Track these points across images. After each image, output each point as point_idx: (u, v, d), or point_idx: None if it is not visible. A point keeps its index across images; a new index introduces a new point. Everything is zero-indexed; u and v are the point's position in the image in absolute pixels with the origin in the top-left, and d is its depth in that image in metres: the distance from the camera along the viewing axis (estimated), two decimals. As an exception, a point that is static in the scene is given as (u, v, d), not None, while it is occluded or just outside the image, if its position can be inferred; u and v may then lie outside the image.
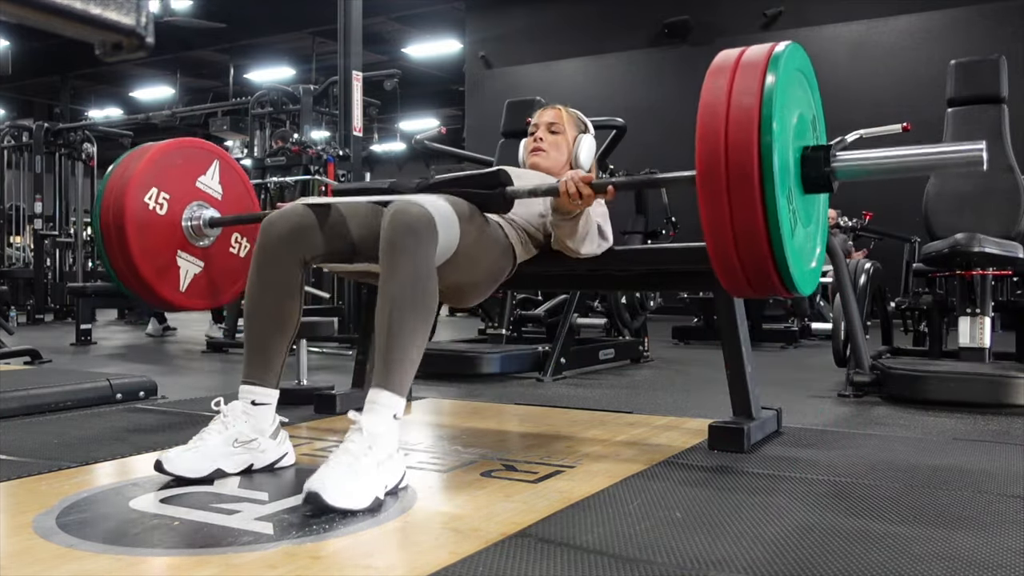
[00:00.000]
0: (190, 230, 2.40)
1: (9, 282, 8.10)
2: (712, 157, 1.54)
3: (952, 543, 1.31)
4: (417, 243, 1.62)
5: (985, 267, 3.13)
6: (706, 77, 1.63)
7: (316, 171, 5.73)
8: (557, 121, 2.32)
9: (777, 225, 1.52)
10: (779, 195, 1.52)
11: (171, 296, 2.36)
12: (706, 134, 1.56)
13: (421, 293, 1.61)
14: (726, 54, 1.66)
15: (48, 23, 0.56)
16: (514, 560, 1.22)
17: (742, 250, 1.57)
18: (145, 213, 2.31)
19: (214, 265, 2.46)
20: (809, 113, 1.77)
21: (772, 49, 1.62)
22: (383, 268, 1.63)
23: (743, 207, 1.52)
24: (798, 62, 1.69)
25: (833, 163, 1.68)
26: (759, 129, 1.51)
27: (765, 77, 1.56)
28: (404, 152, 18.55)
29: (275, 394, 1.81)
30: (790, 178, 1.61)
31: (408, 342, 1.60)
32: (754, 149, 1.51)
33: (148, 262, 2.31)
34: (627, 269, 2.37)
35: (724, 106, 1.56)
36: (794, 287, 1.63)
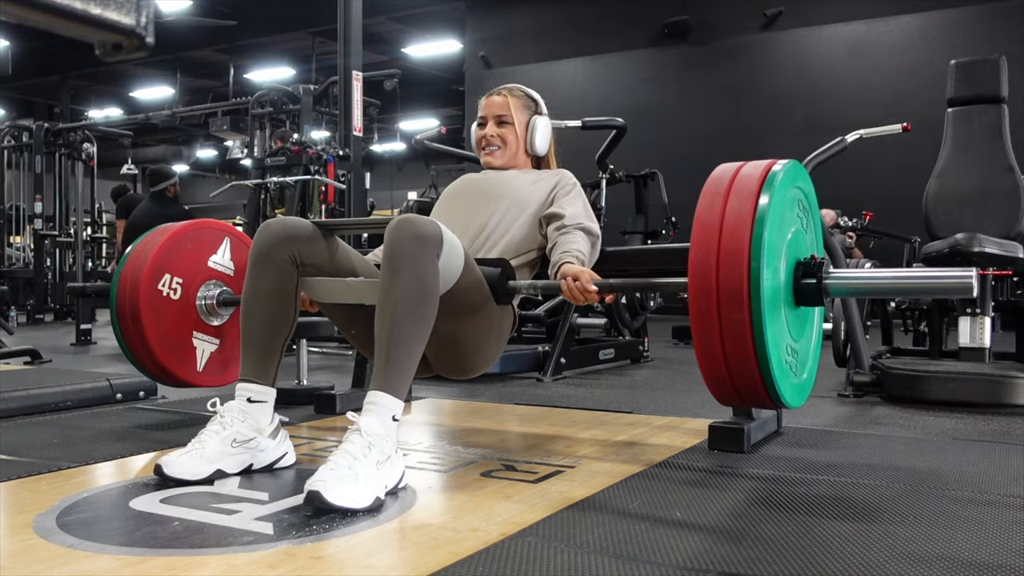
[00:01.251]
0: (204, 309, 2.41)
1: (9, 282, 8.10)
2: (704, 276, 1.58)
3: (952, 543, 1.31)
4: (421, 248, 1.61)
5: (985, 267, 3.13)
6: (701, 195, 1.67)
7: (316, 171, 5.73)
8: (504, 112, 2.17)
9: (765, 347, 1.56)
10: (767, 315, 1.55)
11: (189, 377, 2.38)
12: (699, 252, 1.60)
13: (422, 295, 1.61)
14: (723, 170, 1.70)
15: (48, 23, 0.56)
16: (514, 560, 1.22)
17: (732, 369, 1.61)
18: (159, 300, 2.33)
19: (228, 343, 2.46)
20: (807, 233, 1.82)
21: (768, 168, 1.65)
22: (384, 269, 1.62)
23: (732, 328, 1.57)
24: (795, 179, 1.73)
25: (825, 280, 1.72)
26: (750, 252, 1.55)
27: (759, 198, 1.60)
28: (404, 152, 18.55)
29: (272, 392, 1.80)
30: (780, 296, 1.65)
31: (408, 345, 1.60)
32: (744, 268, 1.55)
33: (165, 347, 2.32)
34: (627, 269, 2.37)
35: (717, 224, 1.60)
36: (782, 403, 1.68)
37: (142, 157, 18.72)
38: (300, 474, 1.74)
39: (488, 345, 1.94)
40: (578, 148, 5.47)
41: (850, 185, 7.44)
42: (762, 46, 9.34)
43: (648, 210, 5.45)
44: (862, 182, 7.81)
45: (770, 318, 1.57)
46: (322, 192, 5.81)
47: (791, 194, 1.71)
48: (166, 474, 1.63)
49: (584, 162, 5.06)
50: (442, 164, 15.63)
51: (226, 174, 18.28)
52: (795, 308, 1.73)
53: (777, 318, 1.62)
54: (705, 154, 8.97)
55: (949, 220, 3.41)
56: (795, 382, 1.75)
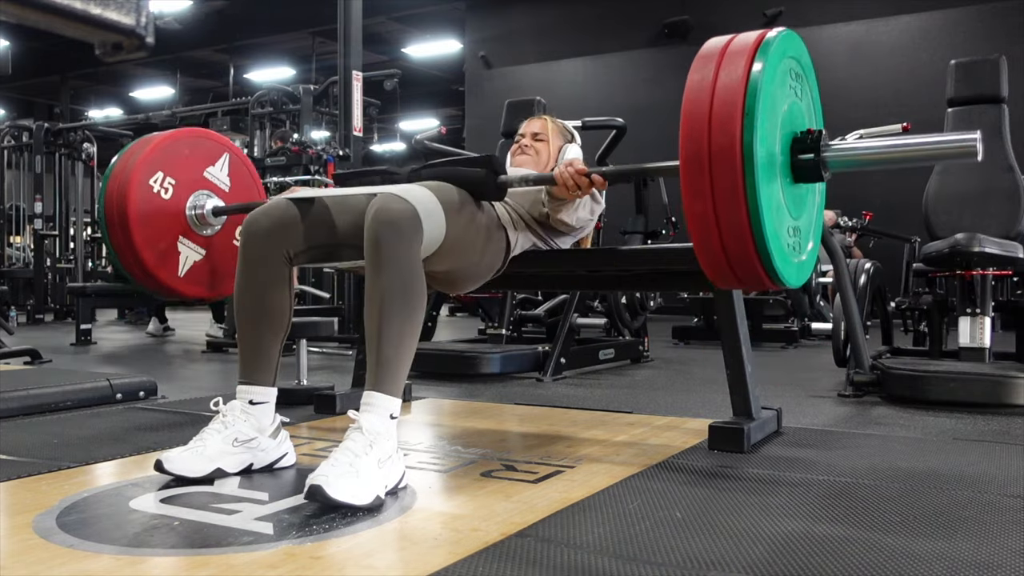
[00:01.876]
0: (194, 218, 2.40)
1: (9, 282, 8.10)
2: (696, 144, 1.53)
3: (952, 543, 1.31)
4: (400, 239, 1.60)
5: (985, 267, 3.13)
6: (693, 63, 1.61)
7: (316, 171, 5.73)
8: (542, 131, 2.33)
9: (759, 216, 1.50)
10: (761, 185, 1.50)
11: (168, 280, 2.34)
12: (690, 120, 1.54)
13: (408, 291, 1.61)
14: (715, 41, 1.64)
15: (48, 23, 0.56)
16: (514, 560, 1.22)
17: (726, 240, 1.55)
18: (149, 195, 2.32)
19: (216, 254, 2.45)
20: (803, 102, 1.75)
21: (762, 36, 1.60)
22: (368, 266, 1.62)
23: (725, 196, 1.51)
24: (791, 50, 1.67)
25: (824, 152, 1.66)
26: (743, 116, 1.50)
27: (752, 64, 1.54)
28: (404, 152, 18.55)
29: (273, 392, 1.81)
30: (776, 167, 1.59)
31: (398, 342, 1.60)
32: (737, 137, 1.49)
33: (149, 244, 2.30)
34: (627, 269, 2.37)
35: (708, 93, 1.54)
36: (779, 279, 1.62)
37: (142, 157, 18.68)
38: (300, 474, 1.74)
39: (484, 266, 1.96)
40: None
41: (850, 185, 7.44)
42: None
43: (648, 210, 5.44)
44: (862, 182, 7.81)
45: (765, 188, 1.51)
46: (322, 192, 5.81)
47: (786, 64, 1.65)
48: (166, 470, 1.63)
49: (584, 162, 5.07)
50: (442, 164, 15.58)
51: (226, 174, 18.24)
52: (793, 185, 1.67)
53: (772, 188, 1.57)
54: (705, 154, 9.01)
55: (949, 220, 3.41)
56: (793, 260, 1.69)
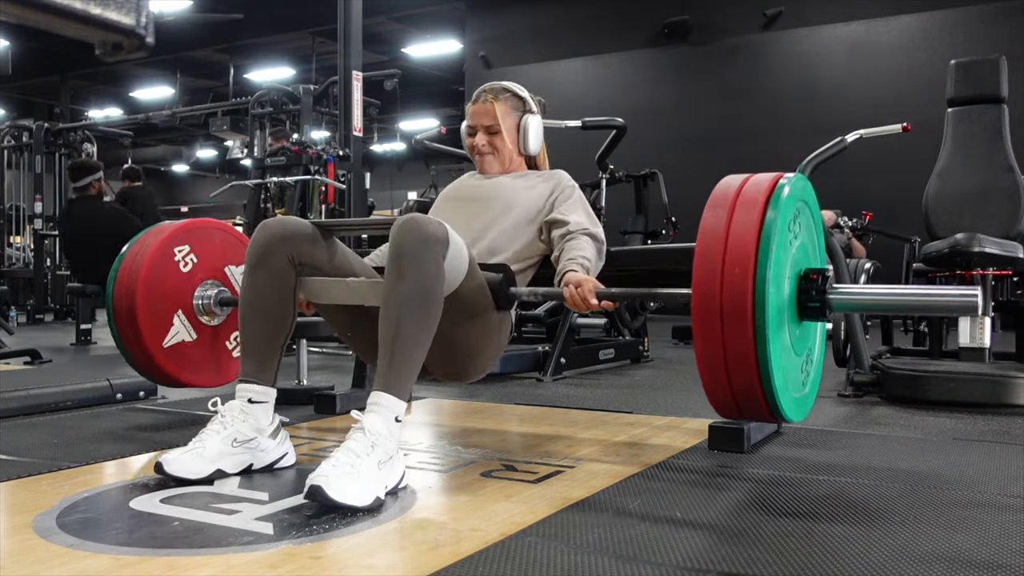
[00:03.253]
0: (200, 306, 2.40)
1: (9, 282, 8.09)
2: (708, 290, 1.57)
3: (952, 543, 1.31)
4: (426, 248, 1.60)
5: (985, 267, 3.13)
6: (706, 206, 1.66)
7: (316, 171, 5.73)
8: (492, 122, 2.13)
9: (767, 357, 1.55)
10: (771, 331, 1.55)
11: (149, 342, 2.30)
12: (704, 266, 1.59)
13: (427, 299, 1.61)
14: (728, 182, 1.69)
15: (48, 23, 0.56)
16: (514, 560, 1.22)
17: (734, 381, 1.61)
18: (169, 260, 2.35)
19: (205, 344, 2.42)
20: (810, 241, 1.81)
21: (775, 182, 1.64)
22: (389, 271, 1.61)
23: (736, 340, 1.56)
24: (801, 193, 1.72)
25: (829, 295, 1.71)
26: (755, 267, 1.54)
27: (765, 212, 1.59)
28: (404, 152, 18.55)
29: (272, 392, 1.80)
30: (784, 311, 1.64)
31: (412, 347, 1.60)
32: (749, 281, 1.54)
33: (147, 305, 2.29)
34: (627, 269, 2.37)
35: (723, 236, 1.59)
36: (782, 416, 1.68)
37: (142, 157, 18.73)
38: (300, 474, 1.74)
39: (486, 350, 1.94)
40: (578, 148, 5.48)
41: (850, 185, 7.44)
42: (762, 46, 9.34)
43: (648, 210, 5.45)
44: (862, 182, 7.81)
45: (774, 336, 1.56)
46: (322, 192, 5.81)
47: (796, 207, 1.70)
48: (166, 472, 1.63)
49: (584, 162, 5.07)
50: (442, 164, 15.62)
51: (226, 174, 18.29)
52: (798, 323, 1.72)
53: (781, 335, 1.62)
54: (705, 154, 9.04)
55: (949, 220, 3.41)
56: (796, 396, 1.74)
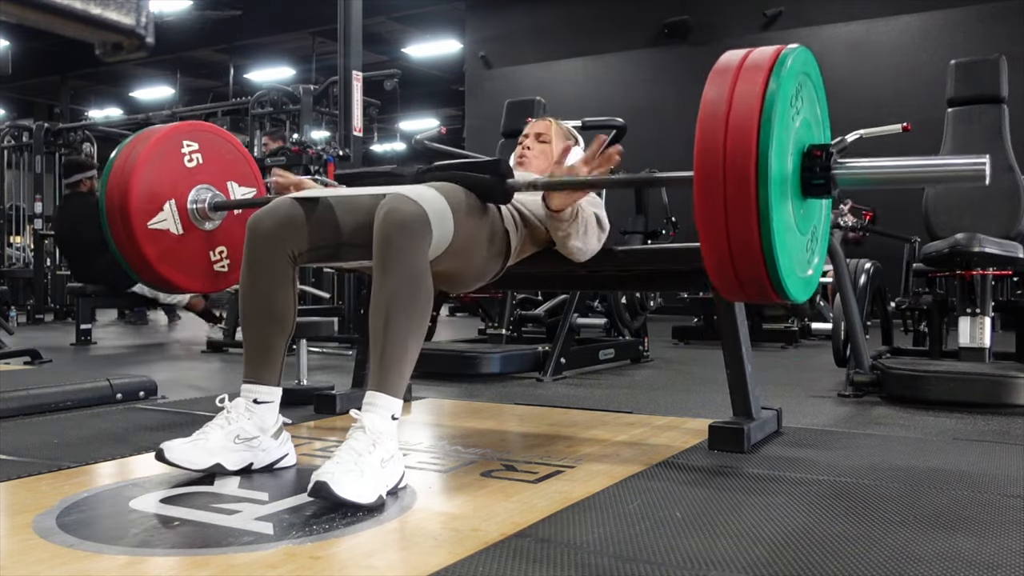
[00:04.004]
0: (195, 212, 2.40)
1: (9, 282, 8.09)
2: (711, 160, 1.54)
3: (952, 543, 1.31)
4: (411, 241, 1.60)
5: (985, 267, 3.13)
6: (708, 78, 1.62)
7: (316, 171, 5.73)
8: (545, 132, 2.34)
9: (770, 231, 1.51)
10: (774, 202, 1.51)
11: (135, 219, 2.28)
12: (705, 136, 1.55)
13: (416, 293, 1.61)
14: (730, 55, 1.65)
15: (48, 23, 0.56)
16: (514, 560, 1.22)
17: (736, 253, 1.56)
18: (175, 150, 2.36)
19: (189, 244, 2.39)
20: (814, 117, 1.76)
21: (777, 53, 1.60)
22: (376, 268, 1.62)
23: (739, 211, 1.52)
24: (804, 66, 1.68)
25: (834, 169, 1.67)
26: (758, 134, 1.51)
27: (768, 82, 1.55)
28: (404, 152, 18.56)
29: (277, 392, 1.81)
30: (788, 185, 1.60)
31: (403, 344, 1.60)
32: (752, 153, 1.50)
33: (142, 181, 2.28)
34: (627, 269, 2.37)
35: (725, 109, 1.55)
36: (786, 294, 1.63)
37: (142, 157, 18.68)
38: (301, 474, 1.74)
39: (488, 269, 1.96)
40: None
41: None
42: (762, 46, 9.33)
43: (648, 210, 5.44)
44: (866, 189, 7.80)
45: (777, 206, 1.53)
46: (322, 192, 5.80)
47: (800, 80, 1.66)
48: (166, 459, 1.63)
49: (584, 162, 5.06)
50: (442, 164, 15.57)
51: (226, 174, 18.24)
52: (802, 200, 1.68)
53: (784, 207, 1.58)
54: (705, 154, 9.01)
55: (949, 220, 3.41)
56: (801, 276, 1.70)
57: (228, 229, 2.45)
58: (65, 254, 5.83)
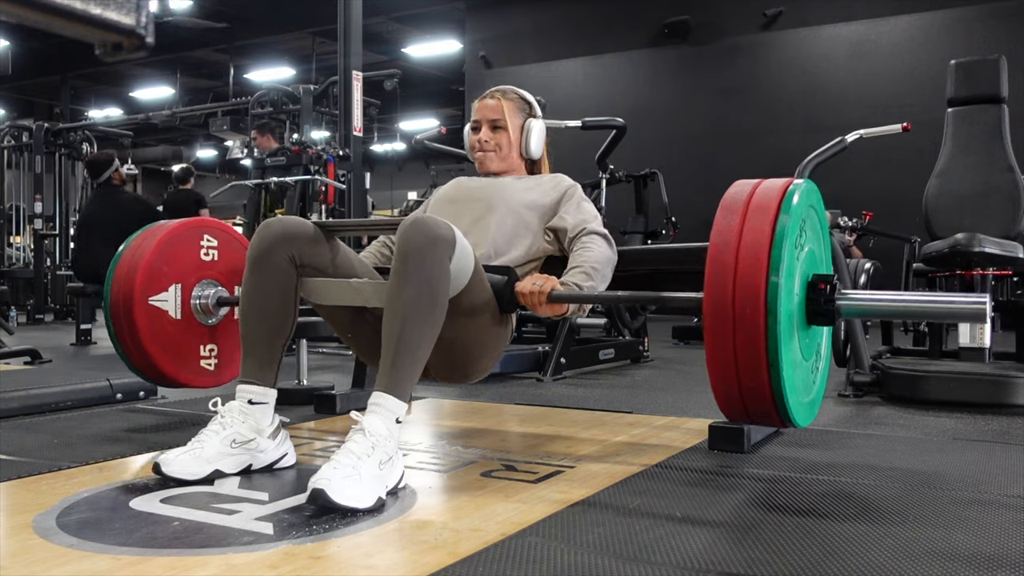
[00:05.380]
0: (198, 306, 2.40)
1: (9, 282, 8.09)
2: (720, 294, 1.58)
3: (952, 543, 1.31)
4: (433, 249, 1.60)
5: (985, 267, 3.13)
6: (718, 210, 1.66)
7: (316, 171, 5.73)
8: (498, 116, 2.15)
9: (779, 373, 1.56)
10: (782, 345, 1.55)
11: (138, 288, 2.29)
12: (716, 271, 1.59)
13: (433, 301, 1.60)
14: (739, 188, 1.70)
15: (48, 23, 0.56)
16: (514, 560, 1.22)
17: (744, 386, 1.61)
18: (195, 239, 2.40)
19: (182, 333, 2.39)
20: (817, 247, 1.81)
21: (785, 188, 1.65)
22: (395, 272, 1.61)
23: (747, 352, 1.56)
24: (810, 199, 1.73)
25: (838, 301, 1.71)
26: (768, 268, 1.55)
27: (777, 218, 1.59)
28: (404, 152, 18.55)
29: (273, 393, 1.80)
30: (794, 319, 1.65)
31: (416, 348, 1.59)
32: (761, 287, 1.54)
33: (157, 256, 2.30)
34: (627, 269, 2.37)
35: (735, 242, 1.59)
36: (791, 422, 1.68)
37: (142, 157, 18.72)
38: (300, 474, 1.74)
39: (487, 352, 1.93)
40: (578, 148, 5.47)
41: (850, 185, 7.44)
42: (762, 46, 9.33)
43: (648, 210, 5.44)
44: (862, 182, 7.81)
45: (785, 342, 1.57)
46: (322, 192, 5.81)
47: (805, 213, 1.71)
48: (164, 473, 1.63)
49: (584, 162, 5.06)
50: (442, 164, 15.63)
51: (226, 174, 18.28)
52: (806, 328, 1.73)
53: (791, 341, 1.63)
54: (705, 154, 9.04)
55: (949, 220, 3.41)
56: (805, 401, 1.75)
57: (224, 330, 2.47)
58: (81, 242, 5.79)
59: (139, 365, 2.37)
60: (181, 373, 2.39)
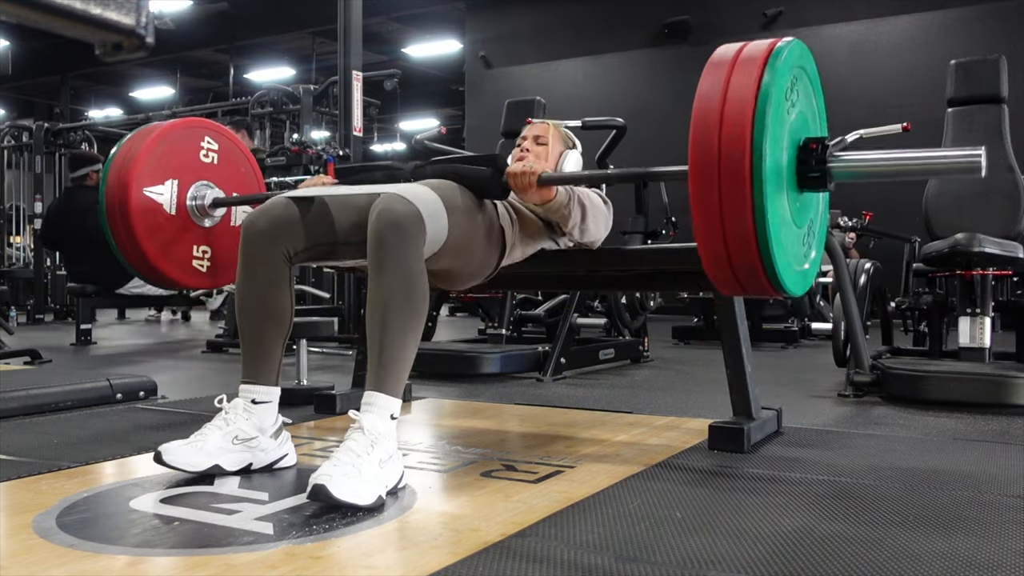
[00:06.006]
0: (195, 209, 2.40)
1: (9, 282, 8.09)
2: (705, 152, 1.53)
3: (952, 543, 1.31)
4: (405, 241, 1.61)
5: (985, 267, 3.13)
6: (704, 71, 1.62)
7: (316, 171, 5.73)
8: (543, 134, 2.32)
9: (765, 225, 1.51)
10: (769, 194, 1.51)
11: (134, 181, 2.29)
12: (700, 129, 1.55)
13: (411, 293, 1.61)
14: (725, 48, 1.65)
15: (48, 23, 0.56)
16: (514, 560, 1.22)
17: (732, 246, 1.55)
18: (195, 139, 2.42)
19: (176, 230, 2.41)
20: (810, 111, 1.76)
21: (772, 45, 1.60)
22: (371, 267, 1.62)
23: (734, 203, 1.51)
24: (799, 59, 1.68)
25: (830, 162, 1.67)
26: (752, 126, 1.50)
27: (763, 74, 1.55)
28: (404, 152, 18.56)
29: (276, 391, 1.81)
30: (783, 177, 1.60)
31: (400, 343, 1.60)
32: (746, 146, 1.50)
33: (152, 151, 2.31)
34: (627, 269, 2.37)
35: (719, 101, 1.55)
36: (782, 287, 1.62)
37: (142, 157, 18.69)
38: (300, 474, 1.74)
39: (480, 271, 1.97)
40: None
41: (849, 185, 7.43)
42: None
43: (648, 210, 5.44)
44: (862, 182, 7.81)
45: (772, 198, 1.52)
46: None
47: (795, 73, 1.66)
48: (164, 461, 1.63)
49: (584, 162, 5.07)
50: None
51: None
52: (798, 193, 1.68)
53: (779, 199, 1.58)
54: (705, 154, 9.01)
55: (949, 220, 3.41)
56: (797, 270, 1.70)
57: (218, 234, 2.46)
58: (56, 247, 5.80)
59: (131, 258, 2.36)
60: (173, 270, 2.38)
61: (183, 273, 2.40)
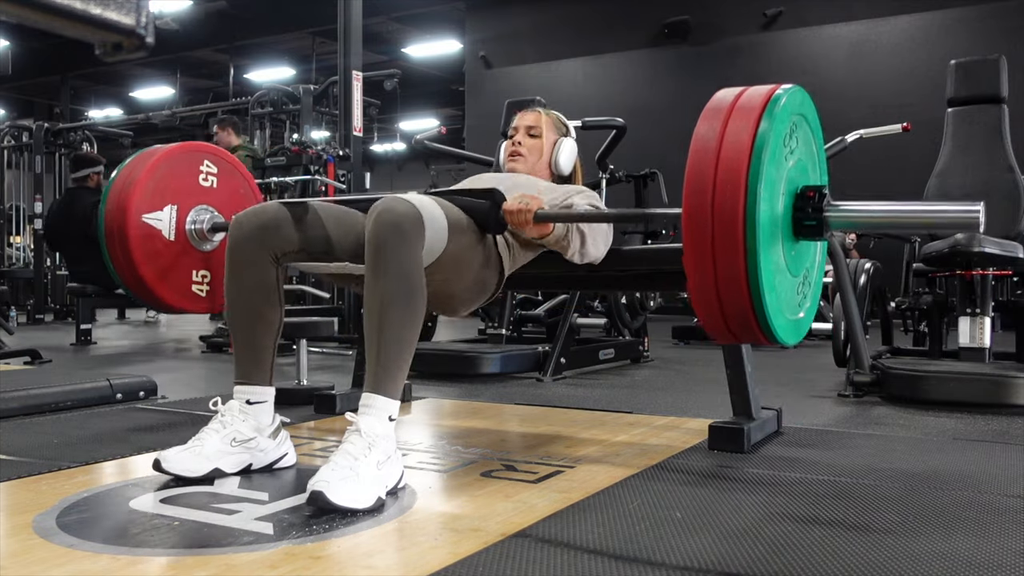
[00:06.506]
0: (193, 233, 2.39)
1: (9, 282, 8.10)
2: (699, 196, 1.52)
3: (952, 543, 1.31)
4: (403, 240, 1.59)
5: (985, 267, 3.13)
6: (701, 115, 1.62)
7: (316, 171, 5.73)
8: (536, 124, 2.27)
9: (758, 271, 1.50)
10: (763, 240, 1.50)
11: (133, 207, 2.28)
12: (695, 173, 1.54)
13: (409, 292, 1.60)
14: (724, 93, 1.65)
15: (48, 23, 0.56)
16: (514, 560, 1.22)
17: (723, 292, 1.54)
18: (195, 164, 2.42)
19: (175, 255, 2.40)
20: (809, 158, 1.76)
21: (771, 92, 1.60)
22: (369, 267, 1.61)
23: (726, 249, 1.50)
24: (799, 106, 1.68)
25: (827, 211, 1.66)
26: (748, 171, 1.49)
27: (760, 120, 1.54)
28: (404, 152, 18.55)
29: (270, 391, 1.80)
30: (778, 224, 1.59)
31: (398, 343, 1.59)
32: (741, 191, 1.49)
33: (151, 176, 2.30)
34: (627, 269, 2.37)
35: (716, 145, 1.54)
36: (774, 336, 1.62)
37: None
38: (300, 474, 1.74)
39: (476, 296, 1.94)
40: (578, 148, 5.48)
41: (850, 185, 7.44)
42: (762, 46, 9.33)
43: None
44: (862, 182, 7.81)
45: (765, 245, 1.51)
46: (322, 192, 5.82)
47: (792, 120, 1.65)
48: (164, 469, 1.63)
49: (584, 162, 5.07)
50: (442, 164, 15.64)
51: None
52: (794, 242, 1.67)
53: (774, 247, 1.57)
54: (705, 154, 9.01)
55: (949, 220, 3.40)
56: (791, 319, 1.69)
57: (217, 258, 2.45)
58: (56, 247, 5.81)
59: (130, 284, 2.35)
60: (171, 296, 2.37)
61: (182, 298, 2.39)
